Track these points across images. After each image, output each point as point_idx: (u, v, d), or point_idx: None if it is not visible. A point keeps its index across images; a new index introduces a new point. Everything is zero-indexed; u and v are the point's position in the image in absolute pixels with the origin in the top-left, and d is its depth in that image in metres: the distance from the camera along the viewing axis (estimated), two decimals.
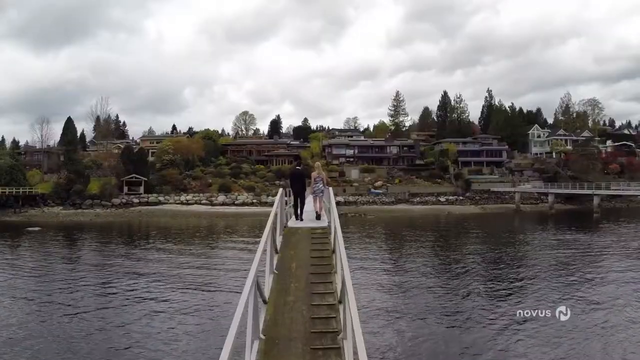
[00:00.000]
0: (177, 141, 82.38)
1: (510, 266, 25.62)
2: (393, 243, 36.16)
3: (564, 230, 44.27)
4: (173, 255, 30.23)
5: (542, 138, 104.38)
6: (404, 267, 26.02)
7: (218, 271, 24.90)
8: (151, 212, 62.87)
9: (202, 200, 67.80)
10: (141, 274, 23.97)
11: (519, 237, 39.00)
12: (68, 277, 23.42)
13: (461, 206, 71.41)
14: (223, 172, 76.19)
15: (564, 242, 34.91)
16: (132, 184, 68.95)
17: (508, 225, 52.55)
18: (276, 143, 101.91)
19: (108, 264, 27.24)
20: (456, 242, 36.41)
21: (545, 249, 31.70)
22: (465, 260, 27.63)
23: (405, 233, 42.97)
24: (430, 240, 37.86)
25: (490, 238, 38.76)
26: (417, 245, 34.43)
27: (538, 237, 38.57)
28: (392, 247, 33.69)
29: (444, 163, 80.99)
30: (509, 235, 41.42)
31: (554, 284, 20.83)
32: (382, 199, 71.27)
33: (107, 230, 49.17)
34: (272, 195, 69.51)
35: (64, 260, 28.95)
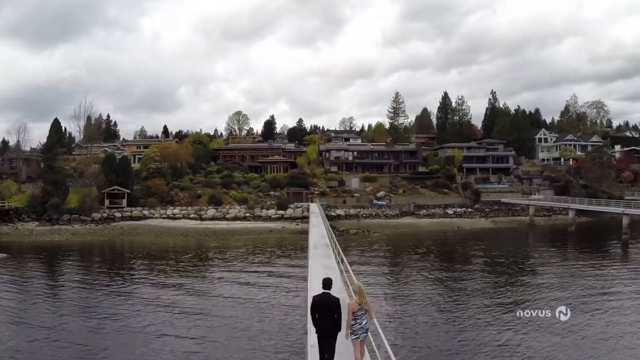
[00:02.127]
0: (165, 147, 76.99)
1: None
2: (409, 276, 31.26)
3: (592, 255, 39.90)
4: (157, 300, 25.06)
5: (549, 143, 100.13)
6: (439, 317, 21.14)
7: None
8: (134, 228, 57.64)
9: (191, 214, 62.63)
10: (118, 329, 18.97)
11: (547, 267, 34.31)
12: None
13: (470, 220, 66.91)
14: (213, 181, 70.97)
15: (601, 277, 30.22)
16: (114, 196, 63.53)
17: (526, 246, 48.43)
18: (270, 148, 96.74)
19: (80, 310, 22.66)
20: (483, 279, 31.48)
21: (585, 289, 26.85)
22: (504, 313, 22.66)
23: (417, 257, 38.11)
24: (448, 272, 32.99)
25: (514, 266, 33.98)
26: (437, 281, 29.51)
27: (568, 267, 33.92)
28: (411, 284, 28.75)
29: (450, 171, 76.25)
30: (534, 262, 36.81)
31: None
32: (385, 211, 66.50)
33: (84, 254, 44.44)
34: (266, 208, 64.62)
35: (26, 308, 23.76)
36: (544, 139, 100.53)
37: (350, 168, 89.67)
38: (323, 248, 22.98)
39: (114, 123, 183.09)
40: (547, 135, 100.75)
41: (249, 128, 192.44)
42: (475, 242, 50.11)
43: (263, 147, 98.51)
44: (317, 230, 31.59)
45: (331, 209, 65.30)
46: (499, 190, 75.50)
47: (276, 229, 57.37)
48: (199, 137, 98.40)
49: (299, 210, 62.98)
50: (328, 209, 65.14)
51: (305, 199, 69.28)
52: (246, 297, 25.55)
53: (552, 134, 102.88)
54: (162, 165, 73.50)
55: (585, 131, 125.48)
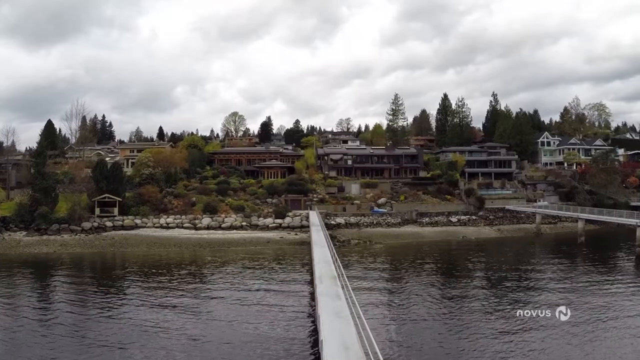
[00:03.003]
0: (158, 152, 74.55)
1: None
2: (416, 299, 29.18)
3: (606, 271, 38.01)
4: (149, 323, 23.08)
5: (552, 146, 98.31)
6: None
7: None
8: (126, 239, 55.33)
9: (185, 223, 60.37)
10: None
11: (560, 287, 32.33)
12: None
13: (475, 228, 65.03)
14: (209, 187, 68.67)
15: (619, 297, 28.15)
16: (105, 205, 61.04)
17: (535, 260, 46.40)
18: (268, 152, 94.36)
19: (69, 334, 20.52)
20: (494, 302, 29.40)
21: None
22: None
23: (424, 275, 36.02)
24: (457, 290, 30.88)
25: (526, 285, 31.90)
26: (446, 302, 27.40)
27: (582, 286, 31.87)
28: (419, 307, 26.64)
29: (453, 177, 74.20)
30: (547, 281, 34.77)
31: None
32: (387, 219, 64.42)
33: (73, 269, 42.51)
34: (263, 216, 62.38)
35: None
36: (547, 142, 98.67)
37: (350, 172, 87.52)
38: (330, 282, 20.78)
39: (109, 124, 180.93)
40: (549, 138, 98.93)
41: (245, 129, 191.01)
42: (481, 255, 48.20)
43: (260, 150, 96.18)
44: (320, 253, 29.39)
45: (331, 217, 63.16)
46: (503, 196, 73.57)
47: (274, 240, 55.20)
48: (193, 140, 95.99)
49: (298, 219, 60.80)
50: (327, 217, 63.04)
51: (304, 206, 67.09)
52: (244, 329, 23.41)
53: (555, 137, 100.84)
54: (155, 170, 71.09)
55: (585, 133, 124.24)
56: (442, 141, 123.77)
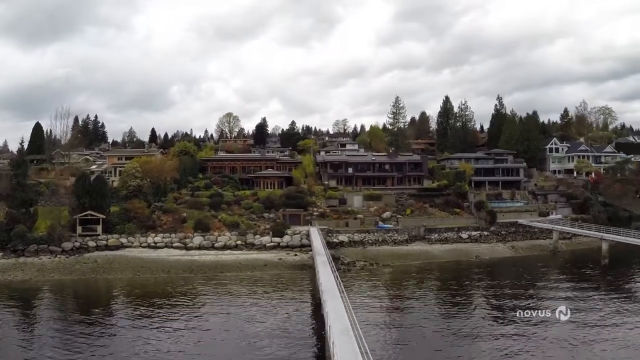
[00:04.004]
0: (146, 161, 69.36)
1: None
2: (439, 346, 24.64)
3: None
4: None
5: (560, 153, 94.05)
6: None
7: None
8: (110, 262, 50.44)
9: (174, 242, 55.60)
10: None
11: (593, 327, 27.70)
12: None
13: (487, 245, 60.87)
14: (200, 201, 63.66)
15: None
16: (88, 222, 55.85)
17: (558, 285, 41.78)
18: (263, 159, 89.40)
19: None
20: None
21: None
22: None
23: (442, 309, 31.37)
24: (483, 330, 26.26)
25: (557, 326, 27.29)
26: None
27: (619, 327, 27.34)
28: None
29: (462, 189, 69.66)
30: (577, 317, 30.01)
31: None
32: (393, 235, 59.98)
33: (49, 302, 37.65)
34: (259, 233, 57.57)
35: None
36: (555, 149, 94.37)
37: (350, 181, 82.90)
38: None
39: (101, 124, 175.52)
40: (558, 145, 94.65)
41: (240, 129, 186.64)
42: (501, 282, 43.77)
43: (255, 157, 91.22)
44: (331, 298, 24.86)
45: (333, 235, 58.53)
46: (515, 209, 69.27)
47: (272, 262, 50.47)
48: (185, 146, 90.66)
49: (297, 238, 56.11)
50: (329, 234, 58.45)
51: (303, 221, 62.36)
52: None
53: (564, 143, 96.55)
54: (143, 182, 65.97)
55: (590, 136, 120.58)
56: (444, 145, 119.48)
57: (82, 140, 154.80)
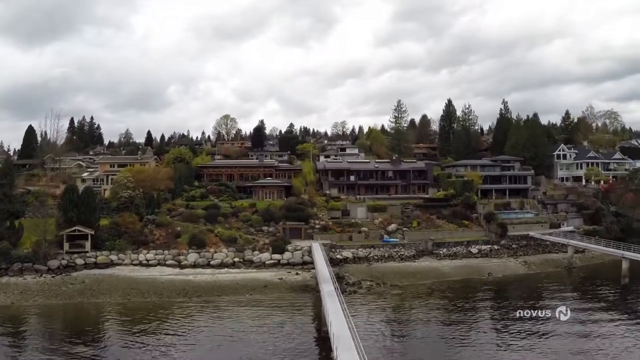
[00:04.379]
0: (139, 171, 65.95)
1: None
2: None
3: None
4: None
5: (568, 160, 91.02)
6: None
7: None
8: (98, 282, 47.10)
9: (168, 259, 52.20)
10: None
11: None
12: None
13: (498, 260, 57.75)
14: (196, 214, 60.23)
15: None
16: (76, 238, 52.35)
17: (578, 306, 38.33)
18: (261, 165, 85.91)
19: None
20: None
21: None
22: None
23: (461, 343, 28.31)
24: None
25: None
26: None
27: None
28: None
29: (470, 199, 66.49)
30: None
31: None
32: (399, 251, 56.81)
33: (30, 333, 34.25)
34: (258, 249, 54.22)
35: None
36: (563, 155, 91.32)
37: (352, 189, 79.74)
38: None
39: (97, 126, 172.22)
40: (566, 151, 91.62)
41: (237, 130, 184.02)
42: (516, 302, 40.79)
43: (253, 164, 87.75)
44: (343, 348, 21.62)
45: (336, 250, 55.29)
46: (526, 220, 66.10)
47: (272, 283, 47.14)
48: (180, 153, 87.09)
49: (299, 254, 52.80)
50: (332, 249, 55.22)
51: (305, 235, 59.12)
52: None
53: (572, 149, 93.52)
54: (135, 192, 62.51)
55: (590, 138, 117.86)
56: (446, 150, 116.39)
57: (77, 143, 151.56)
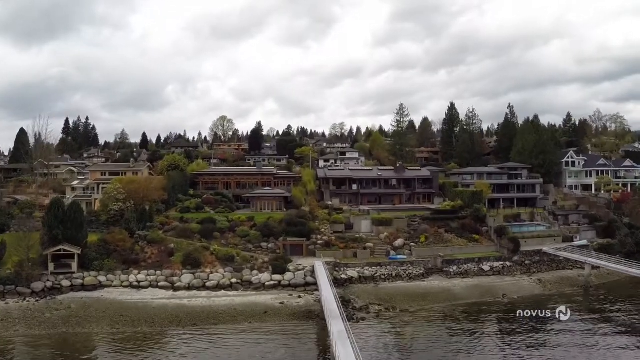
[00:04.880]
0: (131, 182, 62.21)
1: None
2: None
3: None
4: None
5: (577, 167, 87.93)
6: None
7: None
8: (85, 307, 43.74)
9: (160, 281, 48.66)
10: None
11: None
12: None
13: (512, 278, 54.62)
14: (190, 229, 56.62)
15: None
16: (62, 257, 48.70)
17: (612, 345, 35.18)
18: (259, 173, 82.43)
19: None
20: None
21: None
22: None
23: None
24: None
25: None
26: None
27: None
28: None
29: (480, 212, 63.24)
30: None
31: None
32: (408, 269, 53.55)
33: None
34: (257, 268, 50.78)
35: None
36: (572, 162, 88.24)
37: (355, 198, 76.44)
38: None
39: (92, 127, 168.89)
40: (574, 158, 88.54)
41: (234, 130, 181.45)
42: (537, 330, 37.41)
43: (251, 171, 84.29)
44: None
45: (340, 270, 51.92)
46: (538, 234, 62.94)
47: (273, 308, 43.71)
48: (175, 160, 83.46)
49: (301, 275, 49.37)
50: (336, 268, 51.93)
51: (306, 252, 55.74)
52: None
53: (580, 156, 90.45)
54: (126, 205, 58.90)
55: (593, 141, 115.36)
56: (449, 154, 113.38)
57: (72, 145, 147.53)
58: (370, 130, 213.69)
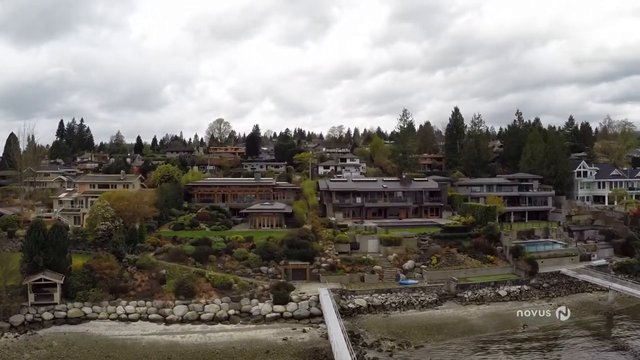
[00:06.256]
0: (120, 198, 57.75)
1: None
2: None
3: None
4: None
5: (590, 178, 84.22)
6: None
7: None
8: (69, 345, 39.88)
9: (151, 312, 44.56)
10: None
11: None
12: None
13: (530, 304, 50.99)
14: (183, 251, 52.50)
15: None
16: (43, 286, 44.38)
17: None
18: (258, 184, 78.29)
19: None
20: None
21: None
22: None
23: None
24: None
25: None
26: None
27: None
28: None
29: (495, 231, 59.40)
30: None
31: None
32: (420, 295, 49.74)
33: None
34: (257, 297, 46.73)
35: None
36: (584, 172, 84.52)
37: (359, 211, 72.53)
38: None
39: (87, 129, 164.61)
40: (587, 168, 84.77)
41: (231, 132, 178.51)
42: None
43: (248, 183, 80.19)
44: None
45: (347, 297, 47.98)
46: (555, 254, 59.08)
47: (276, 346, 39.73)
48: (168, 170, 79.03)
49: (305, 305, 45.43)
50: (343, 296, 47.88)
51: (310, 276, 51.73)
52: None
53: (592, 166, 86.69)
54: (114, 224, 54.62)
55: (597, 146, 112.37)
56: (453, 161, 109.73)
57: (65, 148, 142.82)
58: (369, 133, 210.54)
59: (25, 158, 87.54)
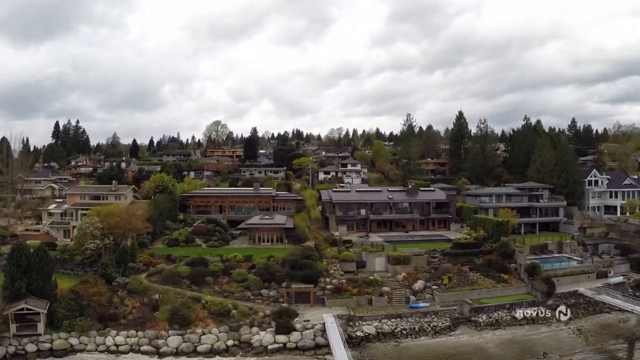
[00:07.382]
0: (110, 213, 54.26)
1: None
2: None
3: None
4: None
5: (601, 187, 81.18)
6: None
7: None
8: None
9: (143, 344, 41.16)
10: None
11: None
12: None
13: (548, 329, 48.15)
14: (178, 272, 48.99)
15: None
16: (26, 315, 40.90)
17: None
18: (256, 195, 74.86)
19: None
20: None
21: None
22: None
23: None
24: None
25: None
26: None
27: None
28: None
29: (509, 248, 56.26)
30: None
31: None
32: (432, 320, 46.46)
33: None
34: (257, 324, 43.47)
35: None
36: (595, 181, 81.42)
37: (364, 223, 69.35)
38: None
39: (83, 130, 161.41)
40: (598, 177, 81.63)
41: (229, 133, 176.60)
42: None
43: (247, 193, 76.79)
44: None
45: (355, 324, 44.65)
46: (571, 271, 56.04)
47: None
48: (162, 180, 75.39)
49: (309, 334, 42.14)
50: (350, 322, 44.53)
51: (314, 300, 48.40)
52: None
53: (604, 175, 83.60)
54: (104, 242, 51.23)
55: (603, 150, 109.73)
56: (457, 167, 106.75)
57: (60, 151, 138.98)
58: (368, 134, 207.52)
59: (17, 164, 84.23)
